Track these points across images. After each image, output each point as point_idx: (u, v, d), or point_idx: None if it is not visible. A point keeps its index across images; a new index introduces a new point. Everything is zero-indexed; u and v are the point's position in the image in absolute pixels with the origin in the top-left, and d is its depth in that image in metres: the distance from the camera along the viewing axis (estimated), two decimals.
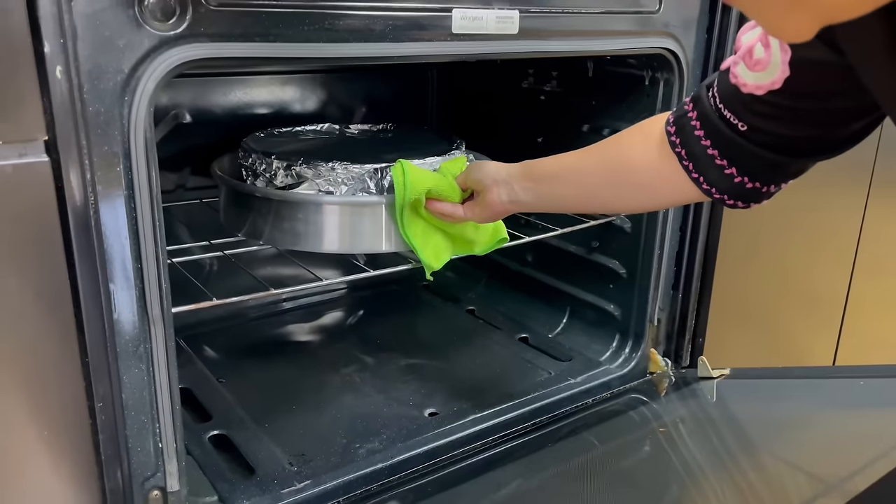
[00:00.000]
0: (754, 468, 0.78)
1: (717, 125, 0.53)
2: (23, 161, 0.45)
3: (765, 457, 0.80)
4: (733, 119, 0.52)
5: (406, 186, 0.72)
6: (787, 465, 0.79)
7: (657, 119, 0.60)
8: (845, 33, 0.40)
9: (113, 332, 0.54)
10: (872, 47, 0.37)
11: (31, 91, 0.45)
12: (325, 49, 0.58)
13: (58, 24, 0.46)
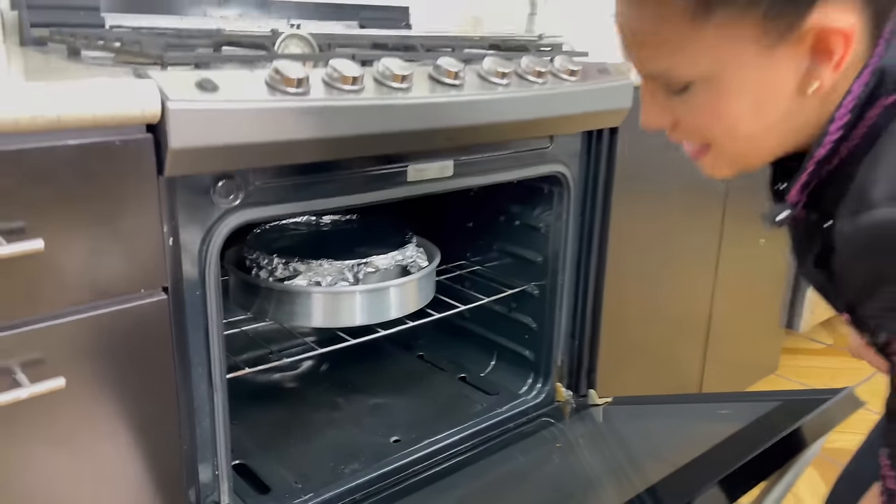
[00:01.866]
0: (628, 463, 1.10)
1: None
2: (153, 300, 0.73)
3: (635, 455, 1.12)
4: None
5: None
6: (652, 461, 1.11)
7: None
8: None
9: (192, 397, 0.82)
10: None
11: (159, 255, 0.73)
12: (330, 202, 0.87)
13: (170, 212, 0.74)
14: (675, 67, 0.56)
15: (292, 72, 0.75)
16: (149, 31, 1.04)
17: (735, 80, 0.56)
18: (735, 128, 0.58)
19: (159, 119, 0.68)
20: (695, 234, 1.47)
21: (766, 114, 0.57)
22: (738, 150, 0.60)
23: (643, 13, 0.56)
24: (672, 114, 0.60)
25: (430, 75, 0.89)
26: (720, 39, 0.54)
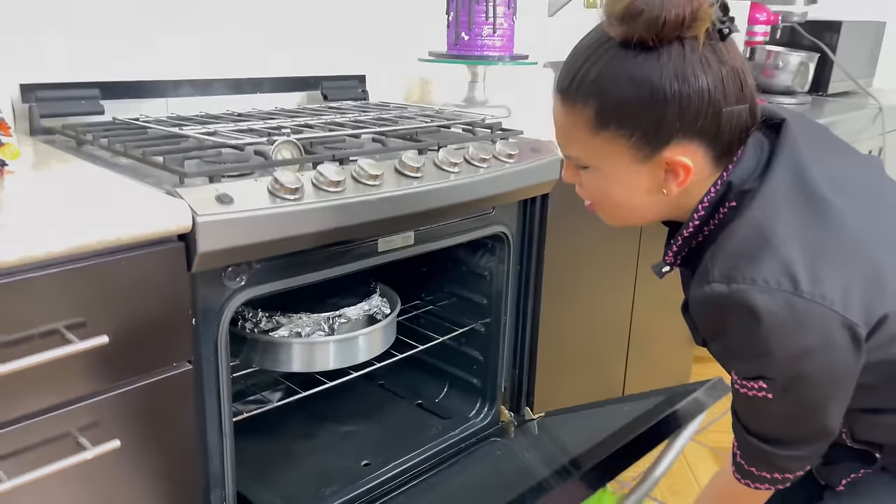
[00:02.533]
0: (557, 452, 1.32)
1: None
2: (181, 370, 0.91)
3: (560, 447, 1.34)
4: None
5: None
6: (572, 450, 1.33)
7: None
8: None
9: (206, 443, 0.99)
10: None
11: (186, 335, 0.90)
12: (318, 275, 1.06)
13: (193, 298, 0.92)
14: (579, 155, 0.82)
15: (288, 181, 0.94)
16: (157, 134, 1.20)
17: (613, 174, 0.80)
18: (611, 202, 0.84)
19: (190, 230, 0.85)
20: (616, 258, 1.71)
21: (632, 199, 0.82)
22: (615, 215, 0.86)
23: (566, 118, 0.80)
24: (578, 178, 0.85)
25: (396, 168, 1.09)
26: (607, 147, 0.78)
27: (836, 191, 0.75)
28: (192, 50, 1.38)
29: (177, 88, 1.36)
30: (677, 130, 0.74)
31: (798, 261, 0.70)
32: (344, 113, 1.40)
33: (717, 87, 0.73)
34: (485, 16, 1.58)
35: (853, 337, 0.71)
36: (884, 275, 0.73)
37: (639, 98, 0.73)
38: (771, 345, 0.72)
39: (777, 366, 0.73)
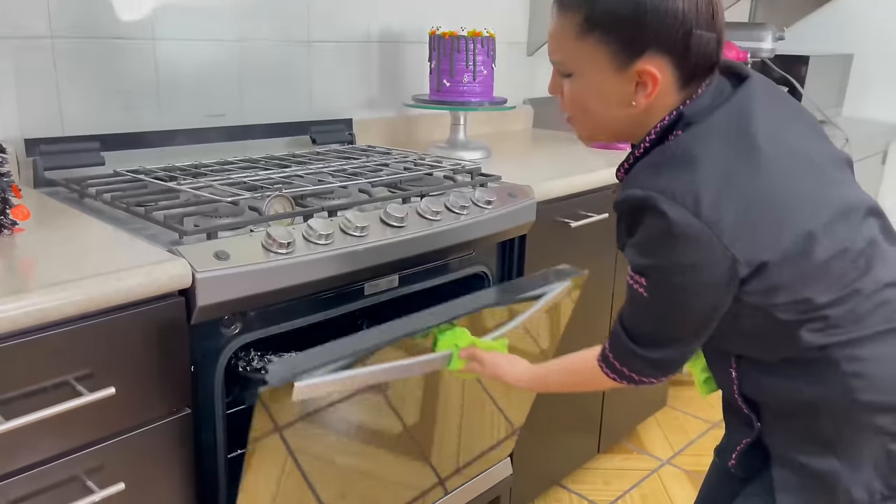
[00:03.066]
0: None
1: None
2: (181, 415, 0.97)
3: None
4: None
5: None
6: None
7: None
8: None
9: (205, 476, 1.06)
10: None
11: (186, 382, 0.97)
12: (307, 320, 1.13)
13: (191, 347, 0.98)
14: (564, 60, 0.89)
15: (280, 236, 1.01)
16: (157, 188, 1.27)
17: (593, 81, 0.87)
18: (587, 111, 0.90)
19: (190, 286, 0.92)
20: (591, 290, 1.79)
21: (605, 109, 0.88)
22: (588, 126, 0.93)
23: (557, 24, 0.87)
24: (560, 88, 0.91)
25: (382, 219, 1.17)
26: (590, 53, 0.85)
27: (771, 145, 0.82)
28: (188, 101, 1.46)
29: (172, 139, 1.43)
30: (651, 42, 0.81)
31: (708, 186, 0.78)
32: (331, 161, 1.47)
33: (691, 8, 0.81)
34: (465, 64, 1.67)
35: (730, 269, 0.79)
36: (782, 227, 0.80)
37: (622, 8, 0.81)
38: (661, 248, 0.81)
39: (657, 268, 0.83)
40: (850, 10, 3.14)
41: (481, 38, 1.66)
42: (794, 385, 0.88)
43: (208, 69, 1.48)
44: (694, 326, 0.86)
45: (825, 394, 0.86)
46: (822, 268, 0.81)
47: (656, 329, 0.88)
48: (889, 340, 0.84)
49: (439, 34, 1.68)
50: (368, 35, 1.80)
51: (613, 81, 0.85)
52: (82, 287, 0.84)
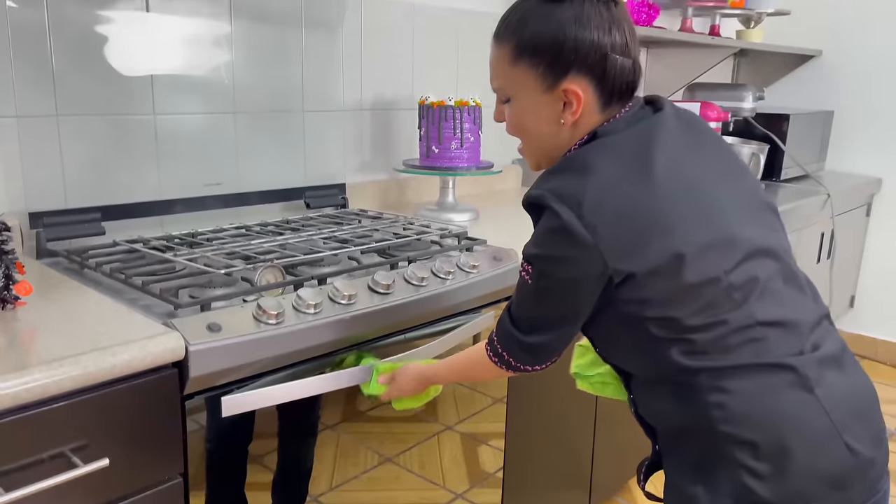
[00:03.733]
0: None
1: None
2: (174, 482, 1.00)
3: None
4: None
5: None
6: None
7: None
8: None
9: None
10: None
11: (179, 450, 1.01)
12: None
13: (182, 416, 1.02)
14: (503, 85, 0.99)
15: (271, 307, 1.06)
16: (154, 259, 1.32)
17: (526, 102, 0.97)
18: (526, 132, 1.00)
19: (183, 357, 0.97)
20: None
21: (540, 127, 0.97)
22: (532, 148, 1.01)
23: (494, 55, 0.98)
24: (503, 115, 1.02)
25: (370, 286, 1.22)
26: (522, 77, 0.95)
27: (664, 170, 0.89)
28: (187, 171, 1.52)
29: (170, 207, 1.49)
30: (573, 64, 0.91)
31: (592, 193, 0.87)
32: (323, 227, 1.53)
33: (605, 35, 0.91)
34: (452, 131, 1.74)
35: (601, 271, 0.87)
36: (649, 244, 0.87)
37: (546, 35, 0.92)
38: (546, 241, 0.91)
39: (541, 258, 0.92)
40: (828, 69, 3.25)
41: (468, 107, 1.74)
42: (670, 408, 0.94)
43: (206, 140, 1.55)
44: (566, 314, 0.95)
45: (692, 419, 0.91)
46: (691, 291, 0.87)
47: (535, 315, 0.97)
48: (752, 376, 0.88)
49: (428, 104, 1.76)
50: (360, 103, 1.88)
51: (544, 101, 0.95)
52: (80, 363, 0.88)
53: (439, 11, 2.04)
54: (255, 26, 1.59)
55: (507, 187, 2.35)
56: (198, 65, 1.51)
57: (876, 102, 3.13)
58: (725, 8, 2.70)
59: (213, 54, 1.53)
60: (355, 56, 1.84)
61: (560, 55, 0.91)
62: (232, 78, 1.58)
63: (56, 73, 1.32)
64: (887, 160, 3.13)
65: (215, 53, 1.54)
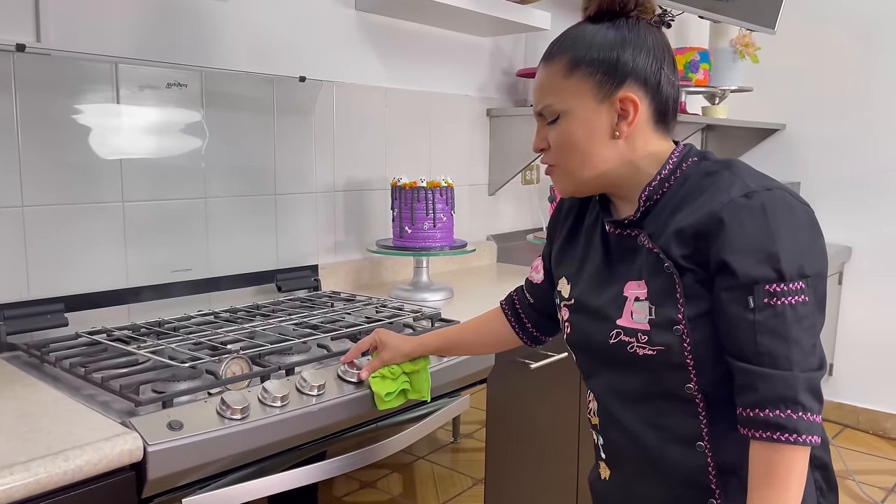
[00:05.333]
0: None
1: (524, 299, 1.18)
2: None
3: None
4: (530, 297, 1.17)
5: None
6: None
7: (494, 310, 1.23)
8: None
9: None
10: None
11: None
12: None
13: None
14: (553, 101, 0.93)
15: (235, 401, 1.03)
16: (116, 352, 1.29)
17: (579, 114, 0.92)
18: (576, 147, 0.93)
19: (141, 459, 0.93)
20: (557, 435, 1.79)
21: (593, 142, 0.92)
22: (576, 169, 0.94)
23: (544, 74, 0.95)
24: (546, 140, 0.96)
25: (339, 375, 1.19)
26: (576, 88, 0.92)
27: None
28: (154, 258, 1.51)
29: (137, 295, 1.47)
30: (630, 74, 0.90)
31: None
32: (293, 312, 1.51)
33: (658, 49, 0.92)
34: (425, 212, 1.75)
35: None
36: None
37: (604, 45, 0.91)
38: (813, 241, 0.84)
39: (817, 257, 0.84)
40: (792, 142, 3.35)
41: (440, 188, 1.76)
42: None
43: (176, 225, 1.54)
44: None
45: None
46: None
47: (817, 335, 0.83)
48: None
49: (400, 185, 1.77)
50: (333, 185, 1.89)
51: (598, 113, 0.91)
52: (31, 469, 0.84)
53: (412, 95, 2.08)
54: (227, 113, 1.61)
55: (481, 264, 2.35)
56: (169, 152, 1.51)
57: (841, 173, 3.21)
58: (690, 86, 2.79)
59: (184, 141, 1.54)
60: (328, 139, 1.87)
61: (618, 64, 0.90)
62: (203, 163, 1.58)
63: (23, 164, 1.31)
64: (855, 229, 3.19)
65: (187, 140, 1.54)
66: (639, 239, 0.93)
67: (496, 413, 1.54)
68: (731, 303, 0.84)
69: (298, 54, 1.78)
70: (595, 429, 1.05)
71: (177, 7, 1.53)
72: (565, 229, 1.09)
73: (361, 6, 1.89)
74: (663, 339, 0.88)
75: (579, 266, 1.03)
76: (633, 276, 0.92)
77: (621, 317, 0.92)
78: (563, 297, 1.03)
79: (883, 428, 3.19)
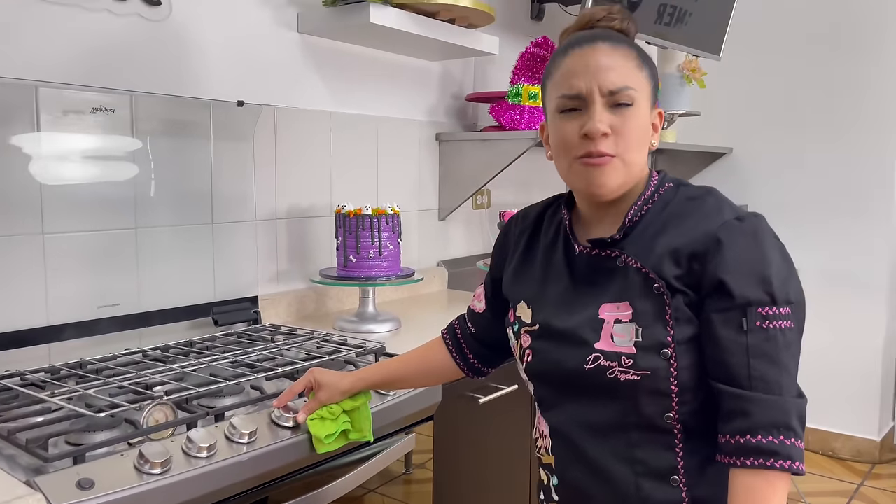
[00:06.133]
0: None
1: (466, 330, 1.15)
2: None
3: None
4: (472, 327, 1.14)
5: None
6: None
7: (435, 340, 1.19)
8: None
9: None
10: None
11: None
12: None
13: None
14: (633, 85, 0.89)
15: (155, 454, 0.95)
16: (28, 400, 1.19)
17: (644, 112, 0.91)
18: (638, 144, 0.90)
19: None
20: (507, 469, 1.74)
21: (644, 143, 0.92)
22: (630, 160, 0.90)
23: (615, 53, 0.90)
24: (609, 124, 0.89)
25: (273, 419, 1.12)
26: (643, 86, 0.91)
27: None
28: (78, 293, 1.41)
29: (59, 334, 1.37)
30: (660, 92, 0.95)
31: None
32: (228, 349, 1.43)
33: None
34: (370, 240, 1.69)
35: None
36: None
37: (652, 64, 0.95)
38: (790, 264, 0.86)
39: (798, 286, 0.85)
40: (739, 165, 3.40)
41: (385, 215, 1.70)
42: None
43: (103, 258, 1.45)
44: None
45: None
46: None
47: (797, 361, 0.84)
48: None
49: (345, 212, 1.71)
50: (275, 212, 1.82)
51: (650, 117, 0.93)
52: None
53: (359, 119, 2.03)
54: (160, 140, 1.53)
55: (432, 290, 2.30)
56: (95, 180, 1.42)
57: (784, 196, 3.26)
58: None
59: (112, 169, 1.45)
60: (269, 165, 1.80)
61: (657, 85, 0.94)
62: (134, 192, 1.50)
63: None
64: (799, 251, 3.23)
65: (115, 167, 1.46)
66: (619, 260, 0.90)
67: (444, 451, 1.47)
68: (723, 325, 0.83)
69: (237, 78, 1.71)
70: (548, 469, 0.99)
71: (104, 29, 1.45)
72: (518, 251, 1.05)
73: (304, 29, 1.84)
74: (650, 362, 0.85)
75: (540, 288, 0.98)
76: (610, 298, 0.89)
77: (599, 340, 0.88)
78: (525, 322, 0.98)
79: (832, 448, 3.23)
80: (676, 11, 2.67)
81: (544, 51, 2.21)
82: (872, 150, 3.08)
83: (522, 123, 2.16)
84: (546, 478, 1.00)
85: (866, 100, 3.08)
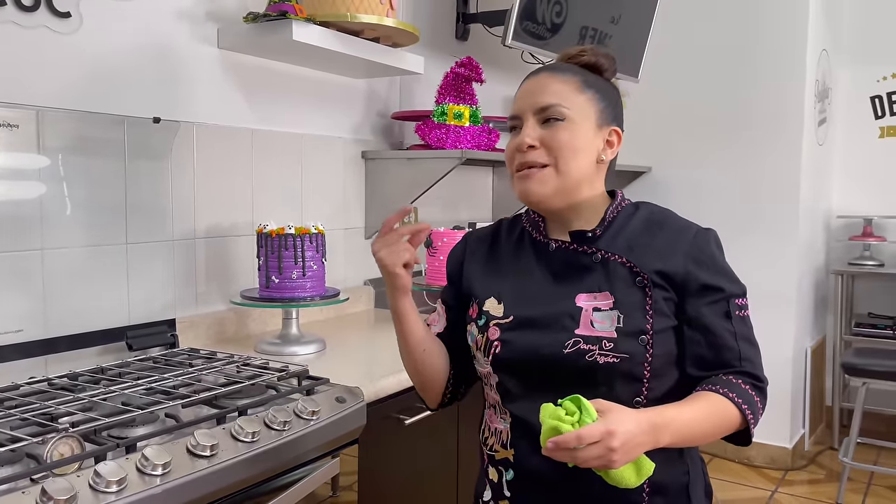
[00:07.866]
0: None
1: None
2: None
3: None
4: None
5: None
6: None
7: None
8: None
9: None
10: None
11: None
12: None
13: None
14: (559, 104, 1.00)
15: (59, 492, 0.89)
16: None
17: (582, 129, 1.01)
18: (575, 152, 1.00)
19: None
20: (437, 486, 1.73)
21: (584, 155, 1.01)
22: (564, 170, 1.00)
23: (554, 78, 1.02)
24: (538, 137, 1.00)
25: (189, 449, 1.07)
26: (584, 105, 1.01)
27: None
28: None
29: None
30: (618, 118, 1.06)
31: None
32: (142, 376, 1.37)
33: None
34: (293, 260, 1.66)
35: None
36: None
37: (609, 87, 1.06)
38: (727, 266, 1.04)
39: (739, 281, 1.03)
40: (658, 183, 3.52)
41: (309, 234, 1.67)
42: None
43: (4, 282, 1.37)
44: None
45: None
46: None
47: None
48: None
49: (266, 232, 1.67)
50: (194, 232, 1.76)
51: (593, 134, 1.02)
52: None
53: (282, 136, 2.00)
54: (69, 157, 1.46)
55: (358, 310, 2.27)
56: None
57: (699, 213, 3.36)
58: None
59: (15, 188, 1.38)
60: (187, 183, 1.74)
61: (616, 105, 1.06)
62: (40, 211, 1.42)
63: None
64: None
65: (18, 186, 1.39)
66: (595, 256, 1.01)
67: (370, 473, 1.45)
68: (714, 316, 0.99)
69: (154, 94, 1.66)
70: (503, 464, 1.03)
71: (9, 41, 1.38)
72: (482, 254, 1.12)
73: (224, 45, 1.80)
74: (629, 346, 0.95)
75: (512, 283, 1.06)
76: (585, 289, 1.00)
77: (578, 326, 0.97)
78: (494, 315, 1.04)
79: (748, 456, 3.35)
80: (598, 34, 2.75)
81: (469, 71, 2.24)
82: (779, 171, 3.25)
83: (448, 142, 2.17)
84: (497, 475, 1.04)
85: (772, 123, 3.25)
